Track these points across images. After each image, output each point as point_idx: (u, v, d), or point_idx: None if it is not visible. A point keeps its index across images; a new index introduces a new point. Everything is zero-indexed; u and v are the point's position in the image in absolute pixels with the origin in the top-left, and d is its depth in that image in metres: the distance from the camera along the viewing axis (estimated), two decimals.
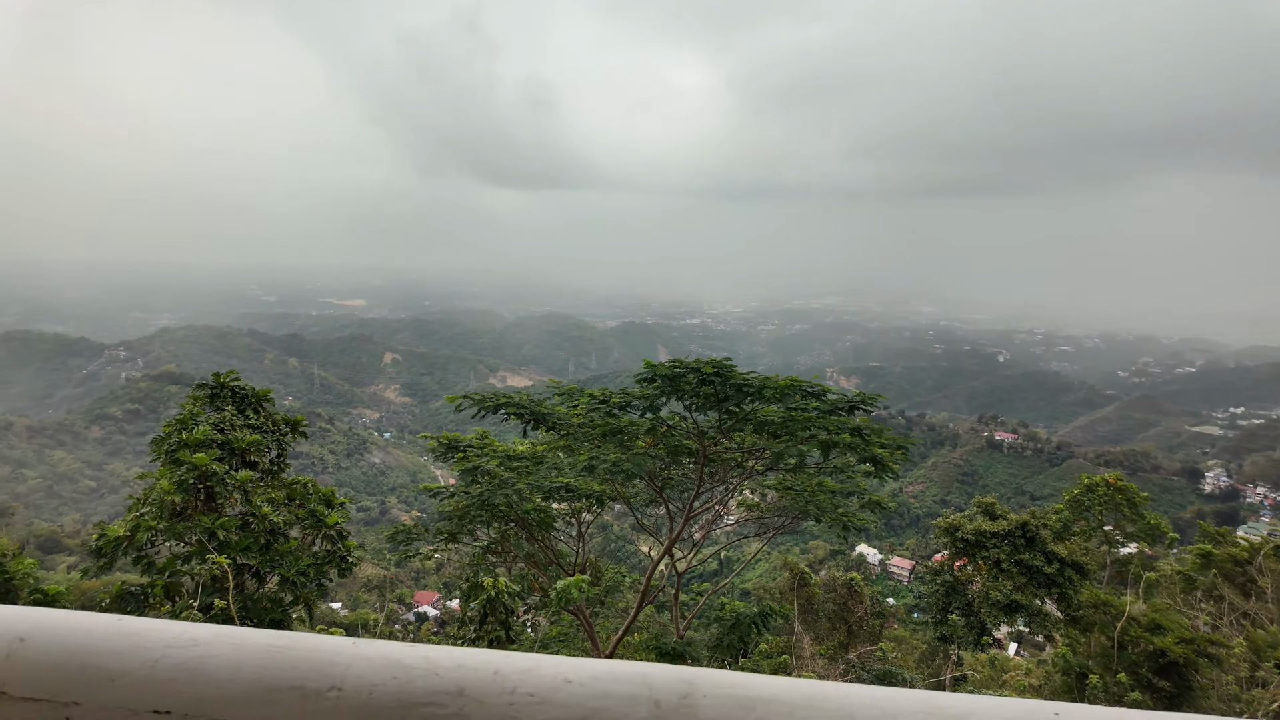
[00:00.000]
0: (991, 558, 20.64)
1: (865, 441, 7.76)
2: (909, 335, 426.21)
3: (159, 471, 12.82)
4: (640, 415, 7.93)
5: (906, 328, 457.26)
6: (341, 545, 14.03)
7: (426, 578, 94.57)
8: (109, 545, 11.85)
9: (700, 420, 8.12)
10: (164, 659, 1.59)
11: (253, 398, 14.95)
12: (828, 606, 22.82)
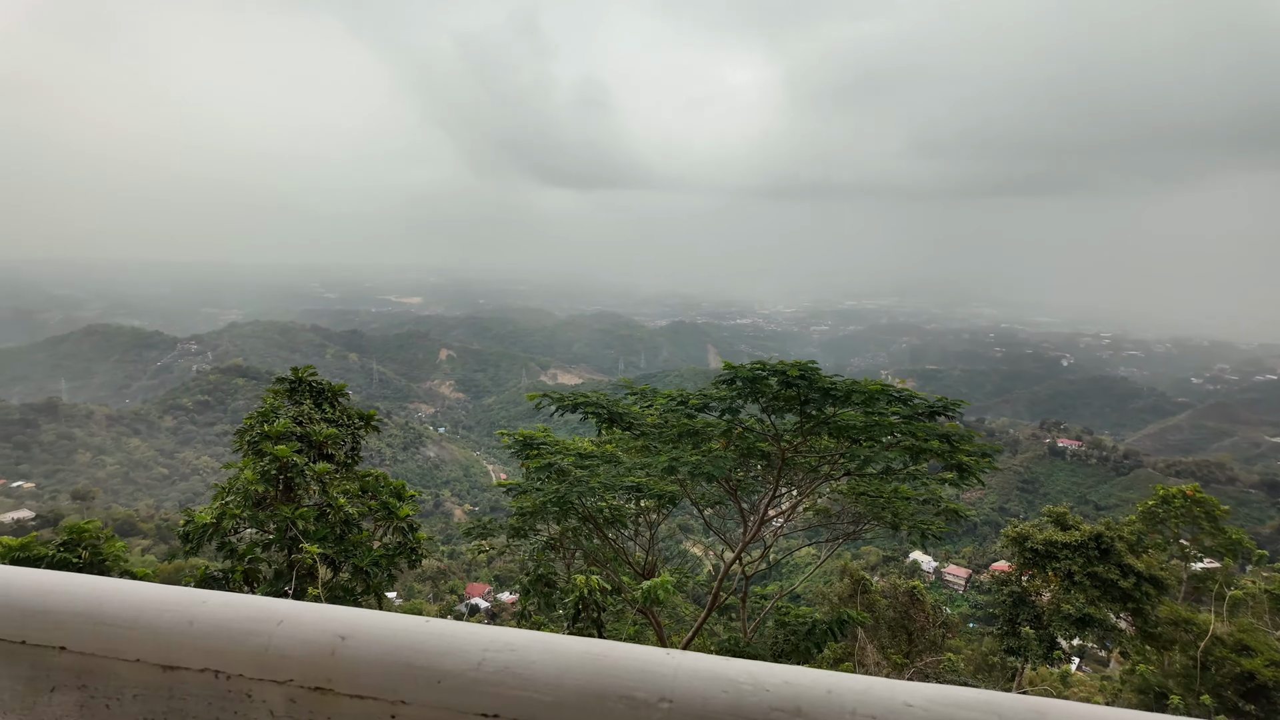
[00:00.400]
0: (1063, 569, 19.89)
1: (953, 448, 7.54)
2: (968, 337, 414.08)
3: (242, 462, 13.37)
4: (719, 417, 7.89)
5: (965, 330, 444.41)
6: (412, 537, 14.41)
7: (478, 570, 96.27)
8: (196, 531, 12.43)
9: (777, 423, 8.03)
10: (485, 662, 1.60)
11: (329, 392, 15.45)
12: (888, 614, 22.38)
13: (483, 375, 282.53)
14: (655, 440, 8.28)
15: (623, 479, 8.84)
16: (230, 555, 13.22)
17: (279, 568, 14.08)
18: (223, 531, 12.57)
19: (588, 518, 8.97)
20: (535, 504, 8.48)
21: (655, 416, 8.69)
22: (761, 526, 8.40)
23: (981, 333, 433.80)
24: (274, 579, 13.50)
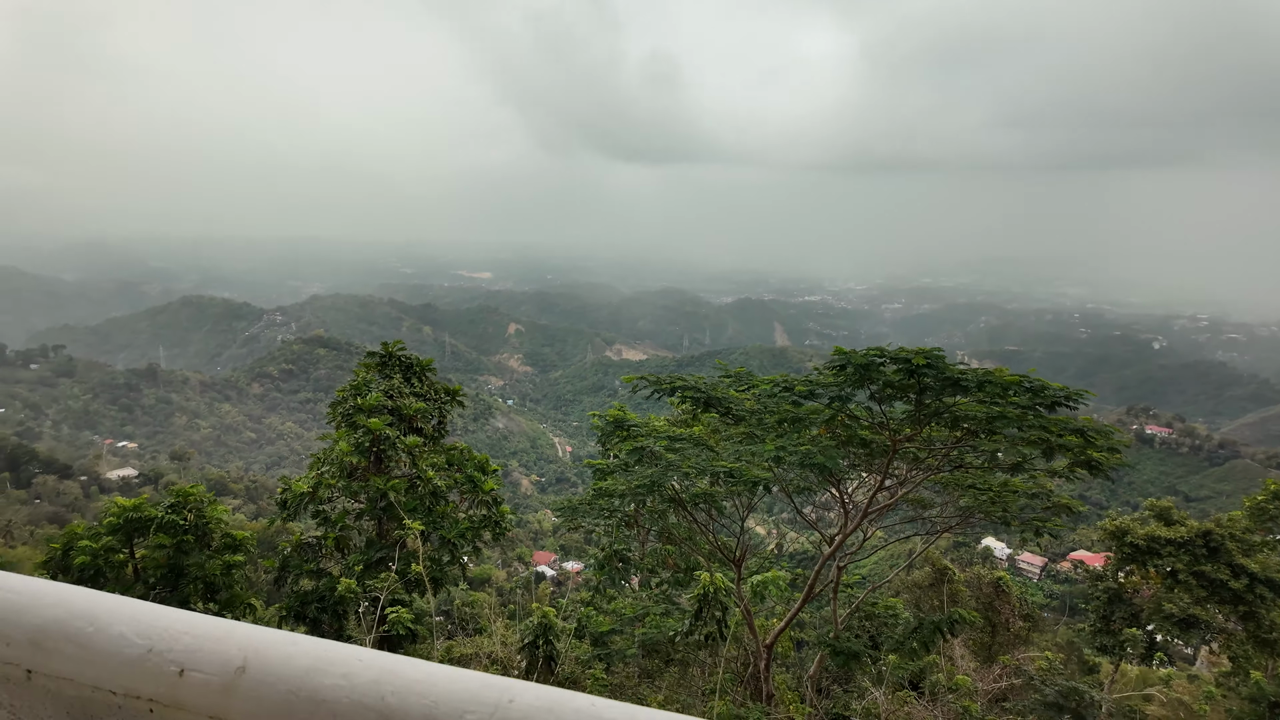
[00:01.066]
0: (1165, 567, 18.74)
1: (1088, 443, 7.03)
2: (1051, 318, 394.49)
3: (337, 434, 13.83)
4: (827, 404, 7.58)
5: (1049, 310, 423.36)
6: (496, 511, 14.68)
7: (543, 539, 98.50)
8: (295, 500, 12.96)
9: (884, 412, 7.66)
10: None
11: (417, 367, 15.79)
12: (970, 605, 21.60)
13: (550, 350, 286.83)
14: (755, 426, 8.03)
15: (713, 464, 8.65)
16: (324, 523, 13.75)
17: (369, 536, 14.58)
18: (318, 500, 13.07)
19: (678, 502, 8.82)
20: (630, 486, 8.38)
21: (753, 401, 8.43)
22: (864, 518, 8.08)
23: (1066, 313, 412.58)
24: (365, 547, 13.97)
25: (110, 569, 14.61)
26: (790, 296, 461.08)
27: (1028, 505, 9.06)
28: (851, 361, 6.81)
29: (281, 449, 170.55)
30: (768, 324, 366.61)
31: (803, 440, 7.39)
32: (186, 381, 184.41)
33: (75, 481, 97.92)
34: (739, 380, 8.87)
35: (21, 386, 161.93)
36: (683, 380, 8.61)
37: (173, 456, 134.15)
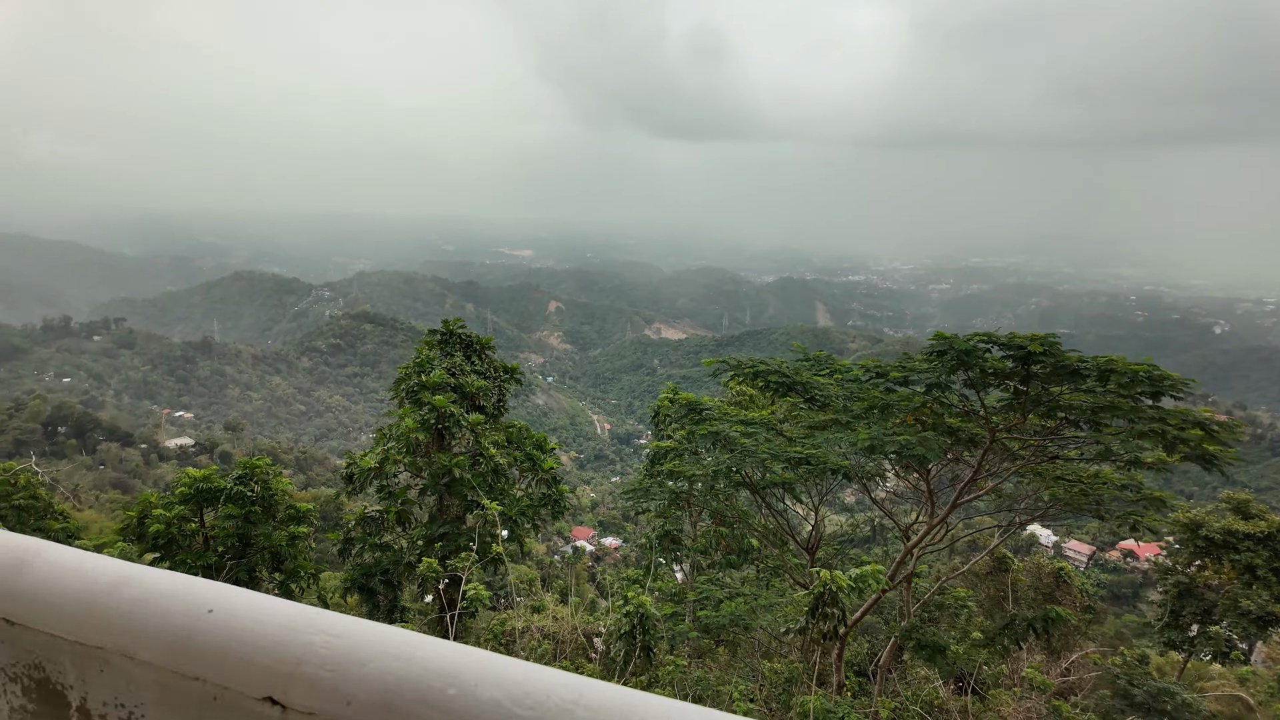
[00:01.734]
0: (1243, 562, 17.95)
1: (1209, 436, 6.62)
2: (1105, 300, 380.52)
3: (402, 410, 13.97)
4: (925, 391, 7.29)
5: (1103, 291, 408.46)
6: (555, 489, 14.73)
7: (582, 515, 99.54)
8: (363, 475, 13.17)
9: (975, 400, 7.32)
10: None
11: (477, 344, 15.84)
12: (1029, 595, 21.07)
13: (589, 328, 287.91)
14: (842, 413, 7.77)
15: (785, 449, 8.44)
16: (388, 498, 13.97)
17: (430, 512, 14.79)
18: (384, 476, 13.25)
19: (750, 486, 8.64)
20: (706, 471, 8.23)
21: (837, 387, 8.17)
22: (954, 508, 7.80)
23: (1121, 295, 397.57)
24: (427, 522, 14.18)
25: (182, 538, 15.10)
26: (833, 276, 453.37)
27: (1116, 496, 8.66)
28: (954, 347, 6.49)
29: (330, 421, 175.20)
30: (809, 304, 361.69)
31: (897, 429, 7.12)
32: (239, 354, 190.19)
33: (136, 449, 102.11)
34: (819, 364, 8.60)
35: (86, 357, 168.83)
36: (765, 364, 8.37)
37: (227, 427, 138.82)
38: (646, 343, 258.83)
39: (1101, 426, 6.87)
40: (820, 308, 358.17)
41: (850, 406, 7.75)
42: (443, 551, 13.37)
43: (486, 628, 15.91)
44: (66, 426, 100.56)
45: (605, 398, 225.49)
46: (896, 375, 7.35)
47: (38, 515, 17.26)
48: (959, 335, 6.67)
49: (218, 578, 14.94)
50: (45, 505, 17.34)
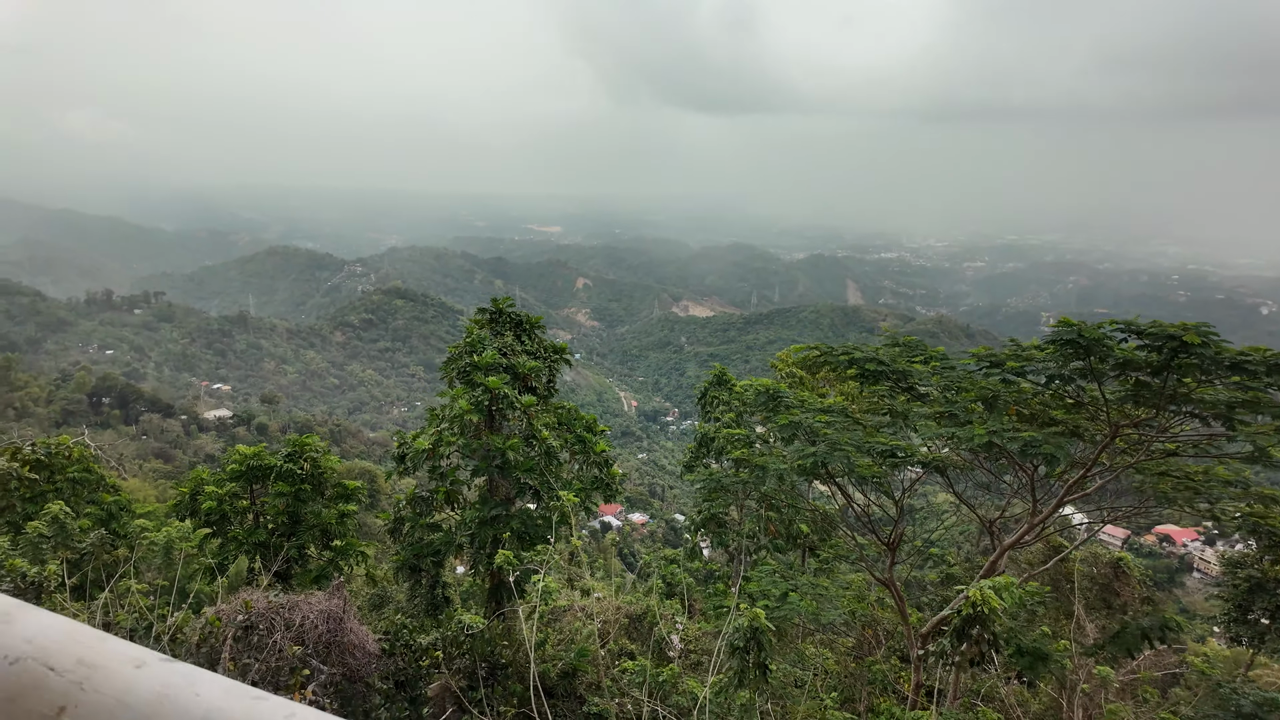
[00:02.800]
0: None
1: None
2: (1146, 279, 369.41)
3: (455, 391, 13.72)
4: (1045, 383, 6.76)
5: (1144, 270, 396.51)
6: (607, 473, 14.45)
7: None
8: (416, 456, 13.00)
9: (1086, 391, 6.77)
10: None
11: (527, 324, 15.53)
12: (1085, 586, 20.38)
13: (617, 305, 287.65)
14: (949, 405, 7.27)
15: (867, 440, 7.98)
16: (439, 478, 13.81)
17: (481, 492, 14.60)
18: (437, 457, 13.07)
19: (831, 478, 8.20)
20: (793, 465, 7.82)
21: (938, 377, 7.66)
22: (1059, 506, 7.29)
23: (1163, 274, 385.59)
24: (478, 504, 13.98)
25: (234, 514, 15.14)
26: (865, 253, 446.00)
27: (1221, 494, 8.05)
28: (1083, 335, 5.94)
29: (363, 395, 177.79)
30: (840, 281, 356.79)
31: (1014, 423, 6.61)
32: (274, 328, 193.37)
33: (177, 420, 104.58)
34: (910, 350, 8.09)
35: (128, 330, 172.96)
36: (859, 351, 7.88)
37: (263, 400, 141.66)
38: (674, 320, 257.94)
39: (1236, 423, 6.30)
40: (851, 285, 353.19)
41: (951, 397, 7.25)
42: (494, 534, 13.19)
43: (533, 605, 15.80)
44: (110, 398, 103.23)
45: (632, 375, 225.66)
46: (1014, 365, 6.80)
47: (91, 488, 17.48)
48: (1086, 322, 6.12)
49: (269, 555, 14.97)
50: (98, 479, 17.54)
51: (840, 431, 7.84)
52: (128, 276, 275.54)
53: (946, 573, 13.13)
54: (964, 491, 9.45)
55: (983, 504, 10.38)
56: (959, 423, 6.82)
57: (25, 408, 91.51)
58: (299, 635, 6.33)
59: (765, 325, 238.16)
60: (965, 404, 7.00)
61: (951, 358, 8.00)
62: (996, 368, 6.95)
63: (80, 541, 11.49)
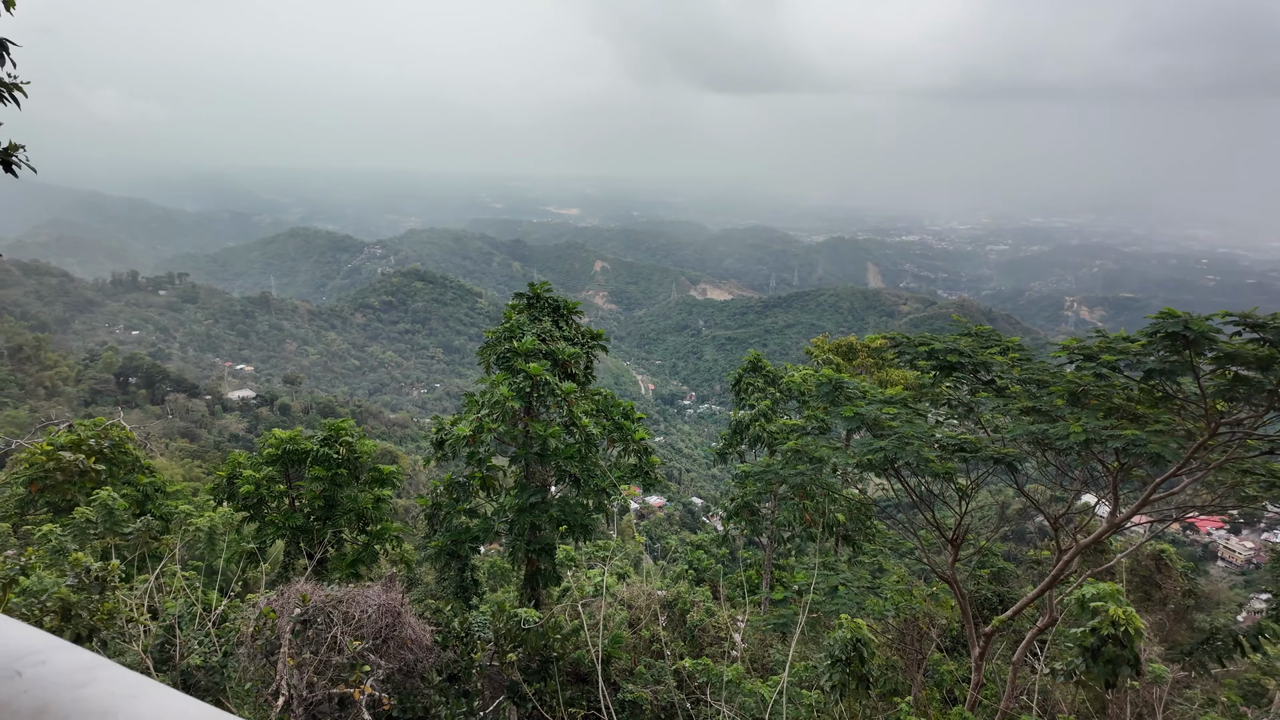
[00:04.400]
0: None
1: None
2: (1175, 263, 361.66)
3: (496, 378, 13.56)
4: (1144, 378, 6.41)
5: (1173, 254, 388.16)
6: (646, 460, 14.26)
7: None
8: (458, 442, 12.86)
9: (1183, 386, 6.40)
10: None
11: (564, 309, 15.31)
12: (1127, 579, 19.97)
13: (634, 288, 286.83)
14: (1036, 400, 6.94)
15: (933, 432, 7.69)
16: (479, 464, 13.69)
17: (518, 479, 14.48)
18: (478, 443, 12.93)
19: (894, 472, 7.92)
20: (860, 459, 7.56)
21: (1018, 369, 7.31)
22: (1143, 506, 6.96)
23: (1193, 258, 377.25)
24: (515, 490, 13.85)
25: (272, 498, 15.15)
26: (886, 236, 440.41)
27: None
28: (1190, 327, 5.57)
29: (383, 376, 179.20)
30: (860, 264, 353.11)
31: (1109, 420, 6.28)
32: (295, 310, 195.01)
33: (201, 400, 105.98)
34: (983, 340, 7.75)
35: (153, 310, 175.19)
36: (938, 341, 7.56)
37: (285, 380, 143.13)
38: (692, 303, 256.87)
39: None
40: (872, 268, 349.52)
41: (1035, 392, 6.92)
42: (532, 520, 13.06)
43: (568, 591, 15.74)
44: (137, 377, 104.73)
45: (649, 358, 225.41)
46: (1109, 359, 6.45)
47: (127, 469, 17.59)
48: (1192, 314, 5.76)
49: (306, 539, 14.98)
50: (134, 460, 17.63)
51: (905, 424, 7.56)
52: (152, 257, 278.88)
53: (998, 568, 12.82)
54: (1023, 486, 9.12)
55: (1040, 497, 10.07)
56: (1049, 419, 6.51)
57: (55, 386, 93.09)
58: (357, 629, 6.20)
59: (784, 309, 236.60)
60: (1051, 399, 6.69)
61: (1027, 348, 7.68)
62: (1091, 361, 6.60)
63: (126, 527, 11.49)
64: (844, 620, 6.32)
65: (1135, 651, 5.23)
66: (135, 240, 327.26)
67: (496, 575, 26.37)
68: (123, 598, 6.85)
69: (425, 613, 8.81)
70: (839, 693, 5.83)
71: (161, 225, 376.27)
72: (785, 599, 11.61)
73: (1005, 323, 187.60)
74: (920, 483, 8.26)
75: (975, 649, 7.96)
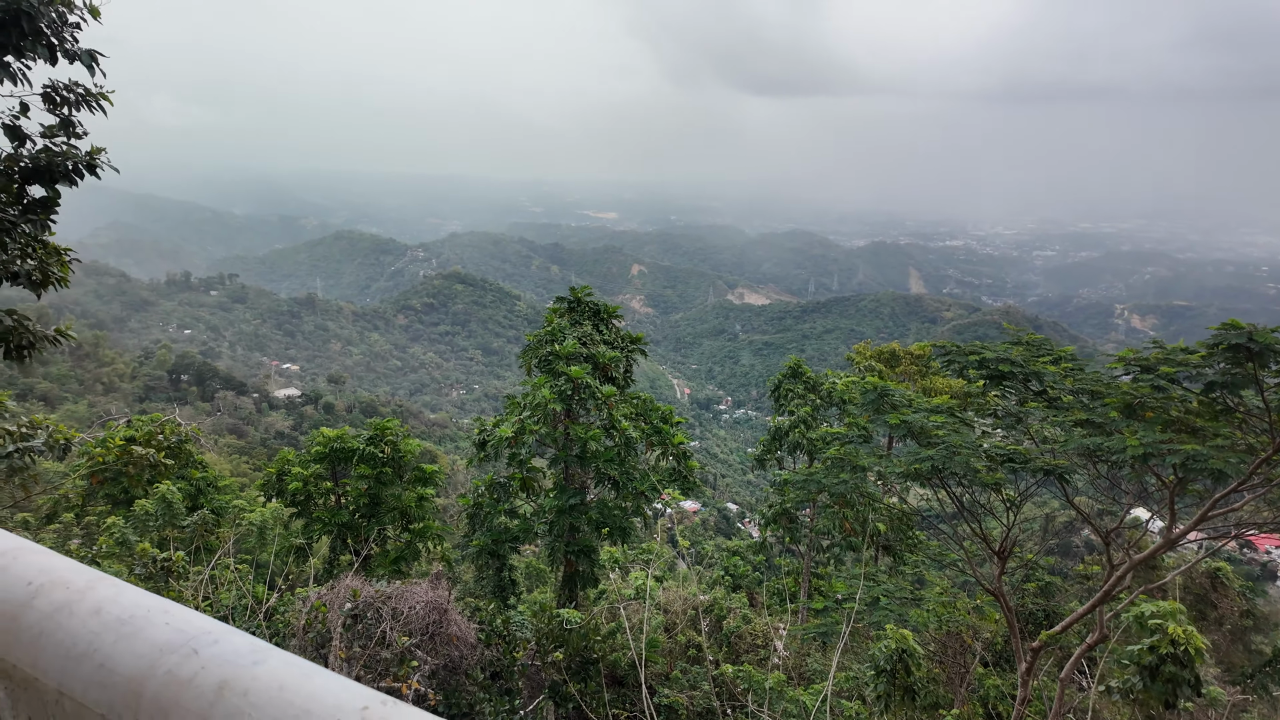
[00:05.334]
0: None
1: None
2: (1232, 270, 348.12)
3: (538, 380, 13.73)
4: (1204, 391, 6.23)
5: (1230, 260, 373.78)
6: (685, 465, 14.28)
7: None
8: (498, 443, 13.06)
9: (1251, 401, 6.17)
10: None
11: (605, 313, 15.44)
12: (1179, 597, 19.30)
13: (671, 291, 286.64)
14: (1087, 412, 6.79)
15: (980, 442, 7.56)
16: (519, 466, 13.87)
17: (556, 480, 14.63)
18: (519, 445, 13.11)
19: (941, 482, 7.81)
20: (907, 468, 7.48)
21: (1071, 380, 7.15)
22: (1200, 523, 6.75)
23: (1252, 265, 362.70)
24: (555, 492, 14.01)
25: (319, 495, 15.56)
26: (928, 241, 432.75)
27: None
28: (1255, 339, 5.39)
29: (423, 377, 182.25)
30: (902, 269, 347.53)
31: (1166, 434, 6.11)
32: (340, 311, 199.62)
33: (249, 398, 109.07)
34: (1035, 349, 7.59)
35: (204, 310, 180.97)
36: (990, 350, 7.44)
37: (330, 379, 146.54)
38: (729, 308, 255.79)
39: None
40: (914, 274, 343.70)
41: (1089, 403, 6.76)
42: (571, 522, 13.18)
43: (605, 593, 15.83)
44: (188, 375, 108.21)
45: (685, 362, 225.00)
46: (1169, 370, 6.27)
47: (181, 464, 18.22)
48: (1257, 326, 5.58)
49: (352, 536, 15.34)
50: (188, 456, 18.25)
51: (952, 433, 7.45)
52: (204, 258, 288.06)
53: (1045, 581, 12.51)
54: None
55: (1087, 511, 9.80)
56: (1104, 431, 6.35)
57: (111, 383, 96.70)
58: (405, 625, 6.36)
59: (823, 314, 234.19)
60: (1106, 411, 6.51)
61: (1080, 359, 7.50)
62: (1148, 372, 6.42)
63: (183, 520, 11.92)
64: (889, 630, 6.26)
65: (1195, 672, 5.07)
66: (188, 242, 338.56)
67: (532, 576, 26.62)
68: (182, 588, 7.13)
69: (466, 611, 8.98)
70: (883, 704, 5.77)
71: (213, 227, 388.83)
72: (825, 608, 11.49)
73: (1053, 330, 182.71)
74: (967, 493, 8.13)
75: (1021, 664, 7.79)
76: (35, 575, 1.20)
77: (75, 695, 1.04)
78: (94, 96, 6.41)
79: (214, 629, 1.10)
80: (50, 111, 6.34)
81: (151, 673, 1.00)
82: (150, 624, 1.09)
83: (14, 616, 1.14)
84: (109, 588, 1.18)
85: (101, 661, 1.04)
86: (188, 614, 1.14)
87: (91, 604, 1.12)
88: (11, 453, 6.54)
